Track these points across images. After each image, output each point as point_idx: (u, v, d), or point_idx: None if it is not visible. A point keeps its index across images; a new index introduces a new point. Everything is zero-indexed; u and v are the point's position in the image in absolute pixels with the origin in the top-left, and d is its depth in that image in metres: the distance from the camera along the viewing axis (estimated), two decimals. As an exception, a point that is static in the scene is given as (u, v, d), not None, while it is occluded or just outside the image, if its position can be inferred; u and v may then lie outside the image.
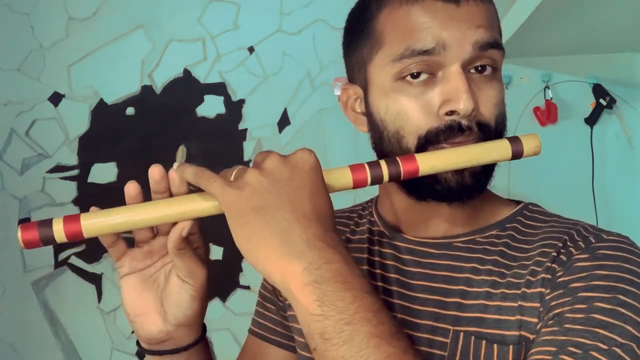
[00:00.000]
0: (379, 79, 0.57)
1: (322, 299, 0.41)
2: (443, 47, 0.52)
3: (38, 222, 0.47)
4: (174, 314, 0.54)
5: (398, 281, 0.60)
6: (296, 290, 0.42)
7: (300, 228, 0.44)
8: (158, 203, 0.49)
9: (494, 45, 0.54)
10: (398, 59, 0.54)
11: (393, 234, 0.63)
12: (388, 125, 0.56)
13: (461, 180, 0.54)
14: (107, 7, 1.78)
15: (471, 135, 0.54)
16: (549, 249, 0.53)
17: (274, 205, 0.44)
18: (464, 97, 0.52)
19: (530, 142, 0.55)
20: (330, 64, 1.72)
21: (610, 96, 1.60)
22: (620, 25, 1.38)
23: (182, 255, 0.52)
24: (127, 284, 0.54)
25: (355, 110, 0.62)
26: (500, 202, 0.63)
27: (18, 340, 1.72)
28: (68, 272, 1.73)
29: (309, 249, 0.43)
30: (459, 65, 0.53)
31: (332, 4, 1.71)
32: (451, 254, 0.58)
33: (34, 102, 1.77)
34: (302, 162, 0.47)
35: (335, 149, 1.70)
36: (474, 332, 0.53)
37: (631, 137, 1.64)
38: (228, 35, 1.76)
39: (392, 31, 0.55)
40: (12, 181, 1.77)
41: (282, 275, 0.43)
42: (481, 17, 0.54)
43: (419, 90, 0.54)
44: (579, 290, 0.48)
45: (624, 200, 1.62)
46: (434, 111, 0.54)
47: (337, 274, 0.42)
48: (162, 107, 1.76)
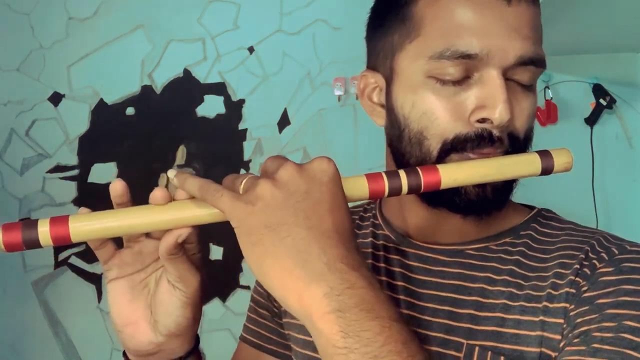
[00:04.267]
0: (409, 72, 0.52)
1: (346, 329, 0.36)
2: (487, 54, 0.48)
3: (22, 223, 0.42)
4: (164, 322, 0.50)
5: (405, 289, 0.56)
6: (317, 319, 0.37)
7: (319, 248, 0.39)
8: (154, 208, 0.45)
9: (537, 63, 0.50)
10: (436, 57, 0.49)
11: (400, 238, 0.59)
12: (411, 124, 0.51)
13: (483, 194, 0.51)
14: (107, 7, 1.78)
15: (501, 147, 0.50)
16: (570, 260, 0.50)
17: (289, 221, 0.40)
18: (500, 106, 0.47)
19: (562, 158, 0.51)
20: (330, 64, 1.72)
21: (610, 96, 1.60)
22: (620, 25, 1.38)
23: (174, 260, 0.47)
24: (115, 290, 0.50)
25: (372, 100, 0.57)
26: (512, 207, 0.59)
27: (18, 340, 1.72)
28: (68, 272, 1.73)
29: (330, 272, 0.38)
30: (500, 72, 0.49)
31: (332, 4, 1.71)
32: (463, 262, 0.54)
33: (34, 102, 1.77)
34: (321, 173, 0.42)
35: (335, 149, 1.70)
36: (490, 346, 0.49)
37: (631, 137, 1.64)
38: (228, 35, 1.76)
39: (433, 22, 0.50)
40: (12, 181, 1.77)
41: (300, 302, 0.38)
42: (530, 24, 0.49)
43: (451, 91, 0.50)
44: (606, 307, 0.44)
45: (624, 200, 1.62)
46: (465, 116, 0.49)
47: (362, 300, 0.37)
48: (162, 107, 1.75)
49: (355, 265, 0.39)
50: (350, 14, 1.68)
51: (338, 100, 1.71)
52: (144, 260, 0.50)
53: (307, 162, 0.43)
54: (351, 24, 1.66)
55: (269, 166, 0.43)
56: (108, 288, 0.50)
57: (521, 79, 0.51)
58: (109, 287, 0.50)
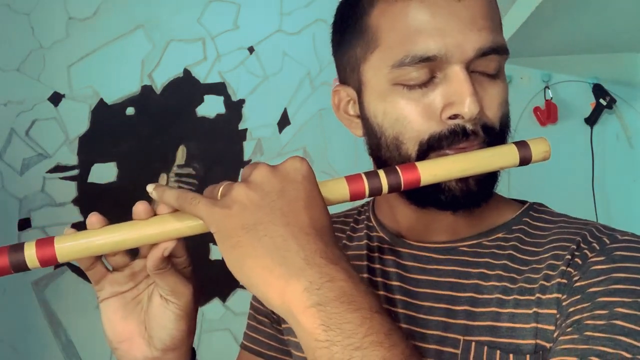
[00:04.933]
0: (375, 81, 0.53)
1: (327, 322, 0.37)
2: (445, 53, 0.49)
3: (9, 247, 0.42)
4: (159, 336, 0.50)
5: (401, 289, 0.56)
6: (298, 314, 0.38)
7: (297, 244, 0.40)
8: (137, 223, 0.45)
9: (497, 51, 0.50)
10: (397, 65, 0.50)
11: (394, 239, 0.59)
12: (386, 131, 0.53)
13: (466, 188, 0.51)
14: (107, 7, 1.78)
15: (476, 139, 0.51)
16: (562, 252, 0.50)
17: (266, 220, 0.40)
18: (468, 100, 0.48)
19: (539, 147, 0.52)
20: (330, 64, 1.70)
21: (610, 96, 1.60)
22: (620, 25, 1.38)
23: (163, 274, 0.48)
24: (108, 309, 0.50)
25: (348, 113, 0.59)
26: (504, 202, 0.60)
27: (18, 340, 1.72)
28: (68, 272, 1.73)
29: (309, 267, 0.39)
30: (462, 66, 0.49)
31: (332, 4, 1.70)
32: (457, 259, 0.55)
33: (34, 102, 1.77)
34: (294, 172, 0.43)
35: (335, 149, 1.70)
36: (486, 341, 0.49)
37: (631, 137, 1.64)
38: (228, 35, 1.76)
39: (389, 30, 0.51)
40: (12, 181, 1.77)
41: (281, 298, 0.39)
42: (484, 14, 0.50)
43: (418, 93, 0.51)
44: (598, 295, 0.45)
45: (624, 200, 1.62)
46: (436, 115, 0.50)
47: (342, 293, 0.38)
48: (162, 107, 1.75)
49: (334, 258, 0.40)
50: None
51: (338, 100, 1.71)
52: (135, 279, 0.51)
53: (280, 163, 0.44)
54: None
55: (245, 172, 0.44)
56: (101, 307, 0.51)
57: (486, 69, 0.51)
58: (102, 306, 0.51)
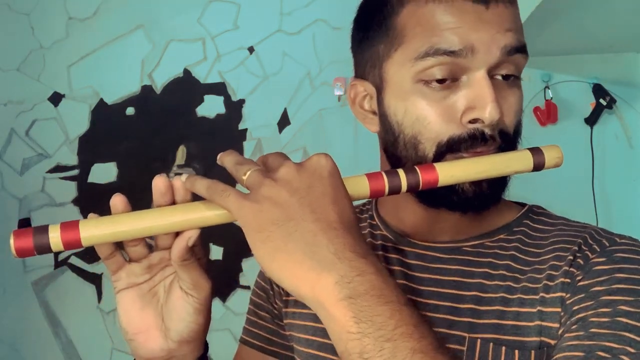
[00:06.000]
0: (397, 79, 0.54)
1: (358, 315, 0.38)
2: (471, 51, 0.50)
3: (33, 229, 0.43)
4: (177, 329, 0.51)
5: (406, 287, 0.57)
6: (330, 306, 0.39)
7: (327, 238, 0.41)
8: (163, 210, 0.46)
9: (521, 50, 0.52)
10: (421, 56, 0.50)
11: (398, 238, 0.60)
12: (405, 129, 0.53)
13: (479, 190, 0.52)
14: (107, 7, 1.78)
15: (493, 144, 0.52)
16: (564, 253, 0.52)
17: (296, 217, 0.41)
18: (490, 105, 0.49)
19: (552, 153, 0.53)
20: (330, 64, 1.72)
21: (610, 96, 1.60)
22: (620, 25, 1.38)
23: (187, 266, 0.49)
24: (125, 300, 0.51)
25: (364, 107, 0.59)
26: (504, 204, 0.61)
27: (18, 340, 1.72)
28: (68, 272, 1.73)
29: (339, 261, 0.40)
30: (485, 71, 0.50)
31: (332, 4, 1.71)
32: (460, 259, 0.56)
33: (34, 102, 1.77)
34: (320, 168, 0.44)
35: (335, 149, 1.70)
36: (491, 338, 0.51)
37: (631, 137, 1.64)
38: (228, 35, 1.76)
39: (416, 27, 0.52)
40: (12, 181, 1.77)
41: (313, 291, 0.40)
42: (510, 20, 0.51)
43: (440, 95, 0.51)
44: (601, 293, 0.46)
45: (624, 200, 1.62)
46: (457, 118, 0.51)
47: (372, 286, 0.39)
48: (162, 107, 1.75)
49: (362, 252, 0.41)
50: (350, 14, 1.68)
51: (338, 100, 1.71)
52: (151, 271, 0.51)
53: (306, 160, 0.45)
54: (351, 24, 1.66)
55: (271, 163, 0.45)
56: (117, 298, 0.51)
57: (508, 71, 0.52)
58: (118, 297, 0.51)
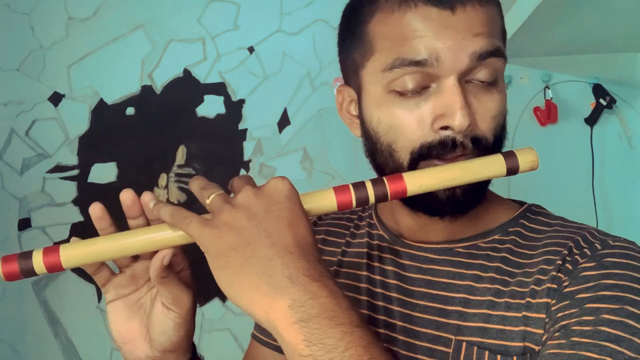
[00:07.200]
0: (371, 88, 0.54)
1: (309, 338, 0.39)
2: (436, 59, 0.49)
3: (18, 255, 0.47)
4: (159, 341, 0.53)
5: (398, 287, 0.58)
6: (282, 330, 0.40)
7: (282, 262, 0.41)
8: (136, 232, 0.48)
9: (494, 53, 0.51)
10: (388, 68, 0.51)
11: (393, 238, 0.61)
12: (381, 138, 0.54)
13: (452, 196, 0.52)
14: (107, 7, 1.78)
15: (465, 151, 0.52)
16: (554, 256, 0.51)
17: (253, 241, 0.42)
18: (458, 113, 0.49)
19: (526, 157, 0.52)
20: (330, 64, 1.72)
21: (610, 96, 1.60)
22: (620, 25, 1.38)
23: (166, 283, 0.50)
24: (114, 310, 0.54)
25: (350, 113, 0.60)
26: (502, 203, 0.61)
27: (18, 340, 1.72)
28: (68, 272, 1.73)
29: (292, 285, 0.40)
30: (455, 78, 0.50)
31: (332, 4, 1.71)
32: (452, 260, 0.56)
33: (34, 102, 1.77)
34: (277, 192, 0.45)
35: (335, 149, 1.70)
36: (476, 342, 0.51)
37: (631, 137, 1.64)
38: (228, 35, 1.76)
39: (384, 39, 0.52)
40: (12, 181, 1.77)
41: (267, 315, 0.41)
42: (480, 23, 0.50)
43: (412, 102, 0.52)
44: (586, 301, 0.46)
45: (624, 200, 1.62)
46: (428, 125, 0.51)
47: (324, 309, 0.40)
48: (162, 107, 1.75)
49: (316, 276, 0.41)
50: (350, 14, 1.68)
51: (338, 100, 1.71)
52: (137, 282, 0.54)
53: (264, 184, 0.46)
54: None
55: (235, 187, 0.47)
56: (107, 309, 0.55)
57: (483, 77, 0.51)
58: (108, 308, 0.55)
